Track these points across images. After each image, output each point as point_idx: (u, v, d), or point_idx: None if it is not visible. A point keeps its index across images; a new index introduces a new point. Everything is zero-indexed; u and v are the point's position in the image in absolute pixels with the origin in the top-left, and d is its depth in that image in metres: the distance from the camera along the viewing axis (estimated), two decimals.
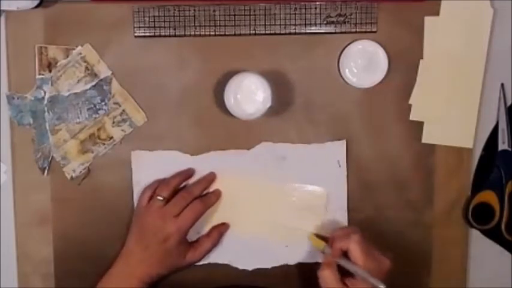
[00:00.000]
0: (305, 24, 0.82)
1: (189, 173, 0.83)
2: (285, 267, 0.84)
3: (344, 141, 0.83)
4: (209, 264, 0.84)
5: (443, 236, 0.85)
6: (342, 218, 0.84)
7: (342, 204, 0.84)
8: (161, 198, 0.79)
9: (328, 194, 0.84)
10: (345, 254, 0.74)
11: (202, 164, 0.83)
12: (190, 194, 0.80)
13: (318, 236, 0.82)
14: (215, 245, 0.82)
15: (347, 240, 0.74)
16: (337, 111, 0.84)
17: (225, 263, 0.84)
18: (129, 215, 0.83)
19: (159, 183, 0.81)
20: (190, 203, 0.79)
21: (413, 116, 0.84)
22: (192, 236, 0.82)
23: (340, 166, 0.84)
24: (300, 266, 0.84)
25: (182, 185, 0.83)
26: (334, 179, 0.84)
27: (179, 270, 0.81)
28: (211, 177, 0.83)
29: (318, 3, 0.82)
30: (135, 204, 0.83)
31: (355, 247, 0.73)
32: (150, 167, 0.83)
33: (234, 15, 0.82)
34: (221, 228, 0.83)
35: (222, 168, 0.83)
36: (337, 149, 0.83)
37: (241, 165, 0.83)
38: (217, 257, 0.84)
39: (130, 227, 0.80)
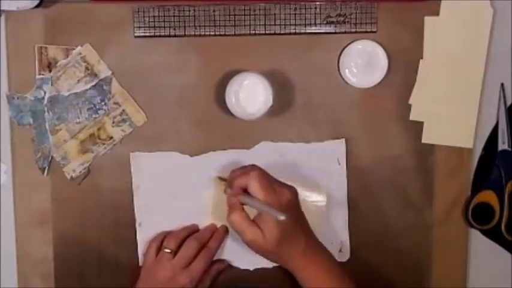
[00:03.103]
0: (305, 24, 0.82)
1: (194, 227, 0.83)
2: None
3: (343, 140, 0.83)
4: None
5: (443, 236, 0.85)
6: (342, 216, 0.84)
7: (342, 203, 0.84)
8: (169, 251, 0.79)
9: (328, 193, 0.84)
10: (247, 191, 0.75)
11: (201, 165, 0.83)
12: (198, 242, 0.80)
13: (222, 179, 0.82)
14: (214, 279, 0.83)
15: (245, 177, 0.74)
16: (337, 111, 0.84)
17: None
18: (129, 215, 0.83)
19: (165, 236, 0.81)
20: (199, 252, 0.80)
21: (413, 116, 0.84)
22: None
23: (339, 164, 0.84)
24: None
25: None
26: (334, 177, 0.84)
27: None
28: (215, 226, 0.84)
29: (317, 3, 0.82)
30: (135, 204, 0.83)
31: (253, 183, 0.74)
32: (150, 168, 0.83)
33: (234, 15, 0.82)
34: (219, 266, 0.83)
35: (221, 168, 0.83)
36: (337, 148, 0.84)
37: (241, 164, 0.83)
38: (218, 257, 0.84)
39: (137, 282, 0.80)
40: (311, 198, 0.84)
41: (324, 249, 0.78)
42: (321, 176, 0.84)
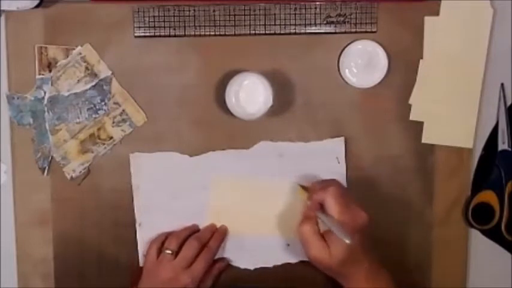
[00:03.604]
0: (305, 24, 0.82)
1: (195, 227, 0.83)
2: (286, 266, 0.85)
3: (342, 138, 0.83)
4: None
5: (443, 236, 0.85)
6: None
7: None
8: (170, 252, 0.79)
9: None
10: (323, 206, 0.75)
11: (201, 165, 0.83)
12: (199, 242, 0.80)
13: (304, 188, 0.82)
14: (216, 278, 0.83)
15: (323, 193, 0.74)
16: (337, 111, 0.84)
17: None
18: (129, 215, 0.83)
19: (166, 237, 0.81)
20: (200, 252, 0.80)
21: (413, 116, 0.84)
22: None
23: (339, 163, 0.84)
24: (302, 264, 0.84)
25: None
26: (334, 175, 0.83)
27: None
28: (215, 226, 0.84)
29: (318, 3, 0.82)
30: (135, 205, 0.83)
31: (330, 200, 0.74)
32: (149, 168, 0.83)
33: (234, 15, 0.82)
34: (220, 265, 0.83)
35: (221, 168, 0.83)
36: (336, 146, 0.84)
37: (241, 164, 0.83)
38: (219, 257, 0.84)
39: (138, 283, 0.79)
40: None
41: (385, 273, 0.77)
42: (320, 175, 0.84)
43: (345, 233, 0.71)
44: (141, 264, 0.83)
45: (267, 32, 0.82)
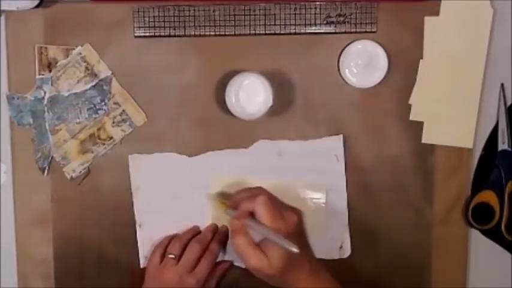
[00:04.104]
0: (305, 24, 0.82)
1: (196, 229, 0.83)
2: None
3: (341, 136, 0.83)
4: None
5: (443, 236, 0.85)
6: (342, 212, 0.84)
7: (342, 199, 0.84)
8: (173, 256, 0.79)
9: (327, 189, 0.84)
10: (252, 215, 0.74)
11: (200, 165, 0.83)
12: (201, 244, 0.80)
13: (223, 195, 0.82)
14: (220, 280, 0.83)
15: (252, 202, 0.74)
16: (337, 111, 0.84)
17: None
18: (129, 215, 0.83)
19: (169, 241, 0.81)
20: (203, 254, 0.80)
21: (413, 116, 0.84)
22: None
23: (338, 161, 0.84)
24: None
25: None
26: (333, 173, 0.84)
27: None
28: (216, 226, 0.84)
29: (318, 3, 0.82)
30: (135, 206, 0.83)
31: (261, 209, 0.73)
32: (148, 169, 0.83)
33: (234, 15, 0.82)
34: (224, 265, 0.84)
35: (220, 168, 0.83)
36: (334, 144, 0.84)
37: (240, 163, 0.83)
38: (220, 256, 0.84)
39: (141, 286, 0.80)
40: (310, 196, 0.84)
41: (326, 271, 0.77)
42: (319, 173, 0.84)
43: (289, 242, 0.70)
44: (141, 266, 0.83)
45: (267, 32, 0.82)
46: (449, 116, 0.84)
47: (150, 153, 0.83)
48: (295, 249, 0.69)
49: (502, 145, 0.84)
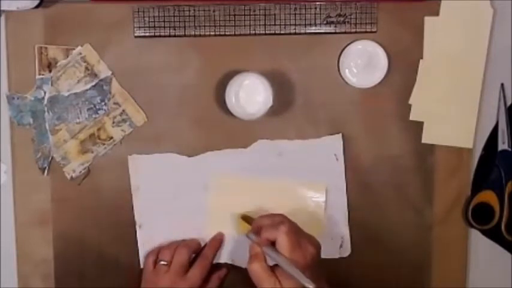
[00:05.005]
0: (305, 24, 0.82)
1: (186, 240, 0.84)
2: None
3: (340, 135, 0.83)
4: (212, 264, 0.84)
5: (443, 236, 0.85)
6: (342, 211, 0.84)
7: (342, 198, 0.84)
8: (164, 263, 0.79)
9: (327, 189, 0.84)
10: (272, 243, 0.74)
11: (200, 165, 0.83)
12: (188, 248, 0.80)
13: (246, 218, 0.82)
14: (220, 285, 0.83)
15: (275, 231, 0.73)
16: (337, 111, 0.84)
17: (228, 262, 0.85)
18: (129, 215, 0.83)
19: (160, 249, 0.81)
20: (197, 260, 0.81)
21: (413, 116, 0.84)
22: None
23: (337, 160, 0.84)
24: None
25: None
26: (332, 173, 0.84)
27: None
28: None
29: (318, 3, 0.82)
30: (134, 206, 0.83)
31: (283, 239, 0.72)
32: (148, 170, 0.83)
33: (234, 15, 0.82)
34: (220, 274, 0.83)
35: (220, 168, 0.83)
36: (334, 143, 0.84)
37: (239, 163, 0.83)
38: (219, 256, 0.84)
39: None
40: (310, 195, 0.84)
41: None
42: (319, 172, 0.84)
43: (305, 278, 0.70)
44: (141, 266, 0.83)
45: (267, 32, 0.82)
46: (449, 116, 0.84)
47: (150, 153, 0.83)
48: (310, 286, 0.69)
49: (502, 145, 0.84)
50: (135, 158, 0.83)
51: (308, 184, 0.84)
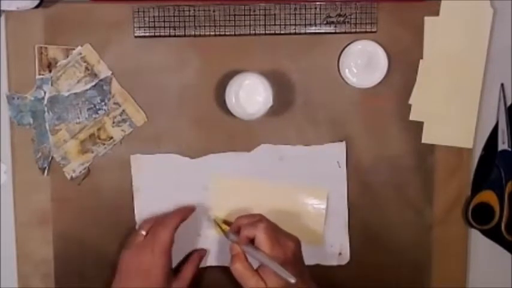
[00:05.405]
0: (305, 25, 0.82)
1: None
2: None
3: (344, 143, 0.83)
4: (210, 267, 0.84)
5: (443, 236, 0.85)
6: (342, 219, 0.84)
7: (342, 205, 0.84)
8: (143, 233, 0.79)
9: (328, 195, 0.84)
10: (251, 241, 0.75)
11: (201, 167, 0.83)
12: (167, 226, 0.79)
13: (225, 222, 0.82)
14: (197, 269, 0.83)
15: (253, 229, 0.75)
16: (337, 111, 0.84)
17: (226, 265, 0.84)
18: (129, 215, 0.83)
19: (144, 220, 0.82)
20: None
21: (413, 116, 0.84)
22: (192, 238, 0.82)
23: (340, 167, 0.84)
24: None
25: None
26: (334, 179, 0.83)
27: None
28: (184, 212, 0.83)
29: (317, 3, 0.82)
30: (135, 207, 0.83)
31: (261, 236, 0.74)
32: (150, 170, 0.83)
33: (234, 15, 0.82)
34: (201, 252, 0.84)
35: (221, 170, 0.83)
36: (337, 150, 0.83)
37: (241, 167, 0.83)
38: (217, 259, 0.84)
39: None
40: (311, 201, 0.84)
41: None
42: (321, 179, 0.84)
43: (286, 272, 0.71)
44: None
45: (267, 32, 0.82)
46: (449, 116, 0.84)
47: (150, 153, 0.83)
48: (292, 280, 0.70)
49: (502, 145, 0.84)
50: (137, 157, 0.83)
51: (309, 190, 0.84)
